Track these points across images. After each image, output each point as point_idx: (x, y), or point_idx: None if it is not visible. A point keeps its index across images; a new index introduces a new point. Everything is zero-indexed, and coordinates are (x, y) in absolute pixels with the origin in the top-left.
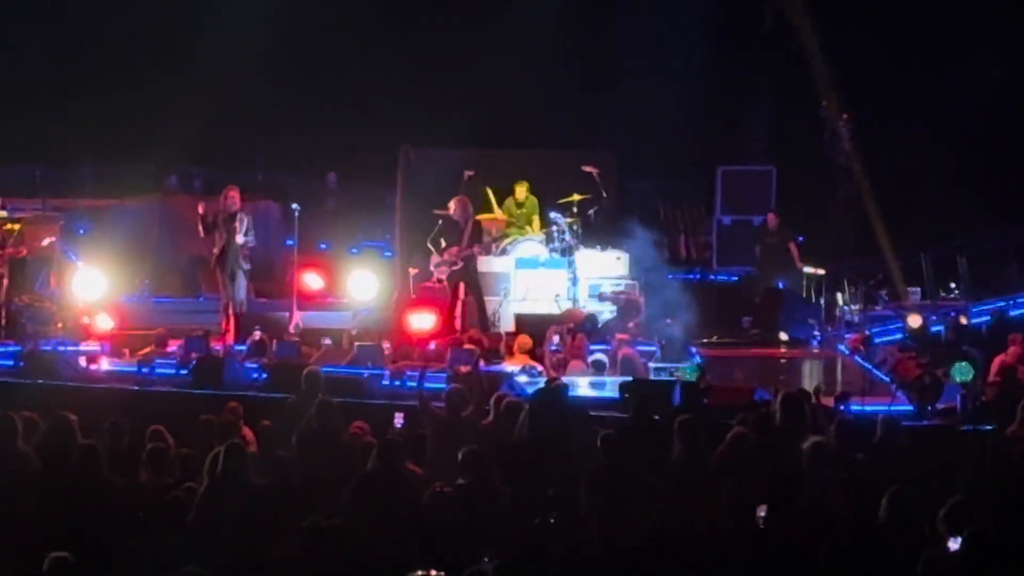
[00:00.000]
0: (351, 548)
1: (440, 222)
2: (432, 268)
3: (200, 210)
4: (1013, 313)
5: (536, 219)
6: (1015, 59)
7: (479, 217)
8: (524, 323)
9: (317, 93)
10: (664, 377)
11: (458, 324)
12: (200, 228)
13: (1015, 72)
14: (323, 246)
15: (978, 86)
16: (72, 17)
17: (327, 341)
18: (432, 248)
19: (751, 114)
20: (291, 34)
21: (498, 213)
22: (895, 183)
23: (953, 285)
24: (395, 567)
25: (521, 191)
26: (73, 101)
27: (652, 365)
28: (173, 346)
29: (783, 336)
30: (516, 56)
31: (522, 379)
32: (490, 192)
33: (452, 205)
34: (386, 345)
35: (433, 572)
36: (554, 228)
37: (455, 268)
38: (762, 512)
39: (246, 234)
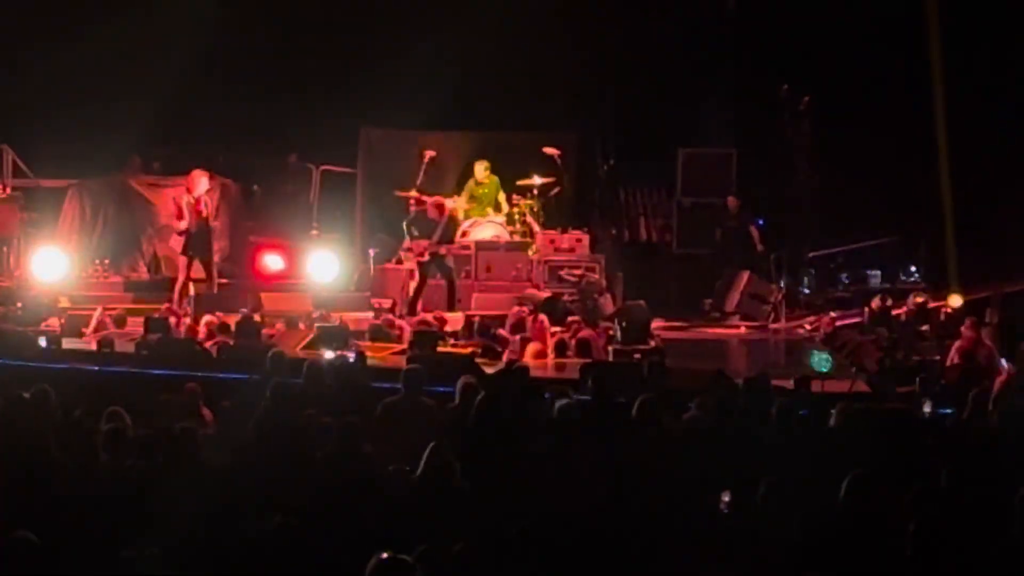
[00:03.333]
0: (311, 532)
1: (413, 212)
2: (401, 252)
3: (177, 201)
4: None
5: (500, 198)
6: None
7: (443, 200)
8: (485, 305)
9: (277, 74)
10: (623, 360)
11: (420, 306)
12: (178, 219)
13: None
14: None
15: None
16: None
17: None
18: (406, 232)
19: (712, 96)
20: (251, 13)
21: (460, 201)
22: (856, 166)
23: (913, 269)
24: (357, 550)
25: (481, 170)
26: (30, 77)
27: (612, 347)
28: (133, 326)
29: (742, 319)
30: (476, 37)
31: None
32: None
33: (431, 207)
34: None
35: (396, 555)
36: (515, 210)
37: (422, 260)
38: (726, 498)
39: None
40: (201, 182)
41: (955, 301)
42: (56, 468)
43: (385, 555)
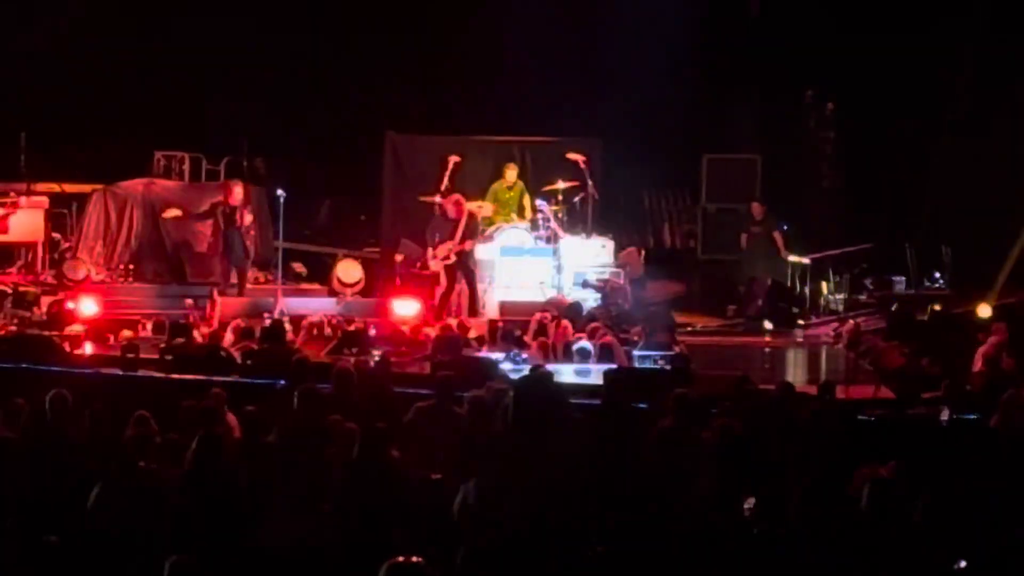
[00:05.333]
0: (336, 536)
1: (436, 214)
2: (429, 261)
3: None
4: None
5: (525, 202)
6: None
7: (461, 197)
8: (508, 310)
9: (302, 78)
10: (649, 365)
11: (454, 312)
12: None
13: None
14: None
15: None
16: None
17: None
18: (429, 241)
19: (737, 102)
20: (276, 18)
21: (485, 205)
22: (879, 172)
23: (938, 275)
24: (378, 554)
25: (511, 174)
26: (60, 84)
27: (636, 353)
28: (157, 331)
29: (767, 325)
30: (501, 42)
31: (506, 366)
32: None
33: (448, 205)
34: (371, 331)
35: (414, 558)
36: (539, 215)
37: (448, 263)
38: (749, 504)
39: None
40: (236, 192)
41: (984, 311)
42: (82, 473)
43: (400, 558)
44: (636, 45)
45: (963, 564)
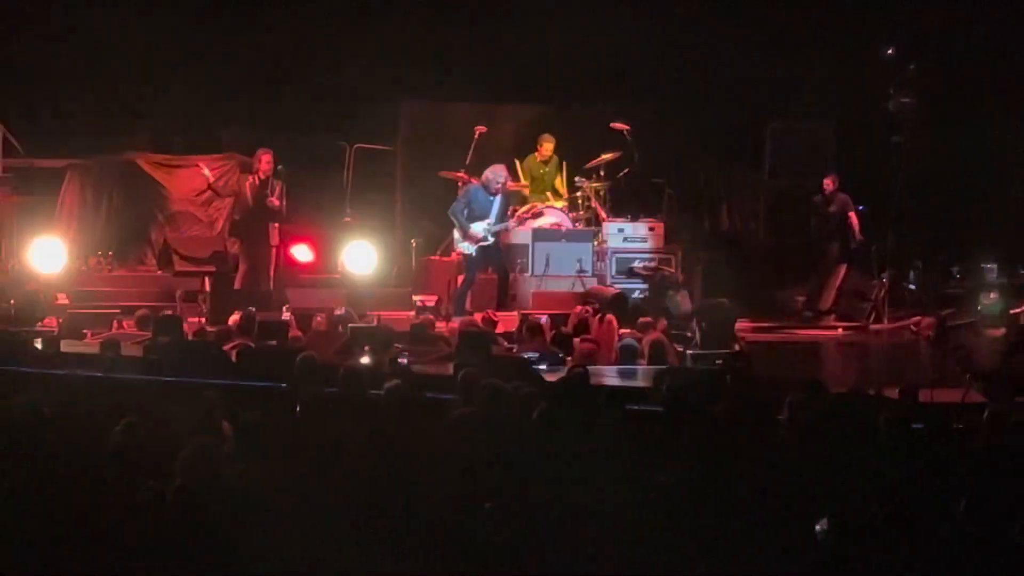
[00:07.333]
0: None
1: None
2: (459, 244)
3: (206, 175)
4: None
5: (560, 181)
6: None
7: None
8: (543, 303)
9: (311, 43)
10: (704, 365)
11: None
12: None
13: None
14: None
15: None
16: None
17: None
18: (454, 220)
19: (806, 61)
20: None
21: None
22: (971, 144)
23: None
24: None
25: (548, 146)
26: (24, 43)
27: (691, 352)
28: (142, 326)
29: (840, 319)
30: None
31: (542, 367)
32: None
33: (496, 175)
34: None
35: None
36: (578, 194)
37: (485, 244)
38: (822, 526)
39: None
40: (266, 161)
41: None
42: (60, 488)
43: None
44: None
45: None
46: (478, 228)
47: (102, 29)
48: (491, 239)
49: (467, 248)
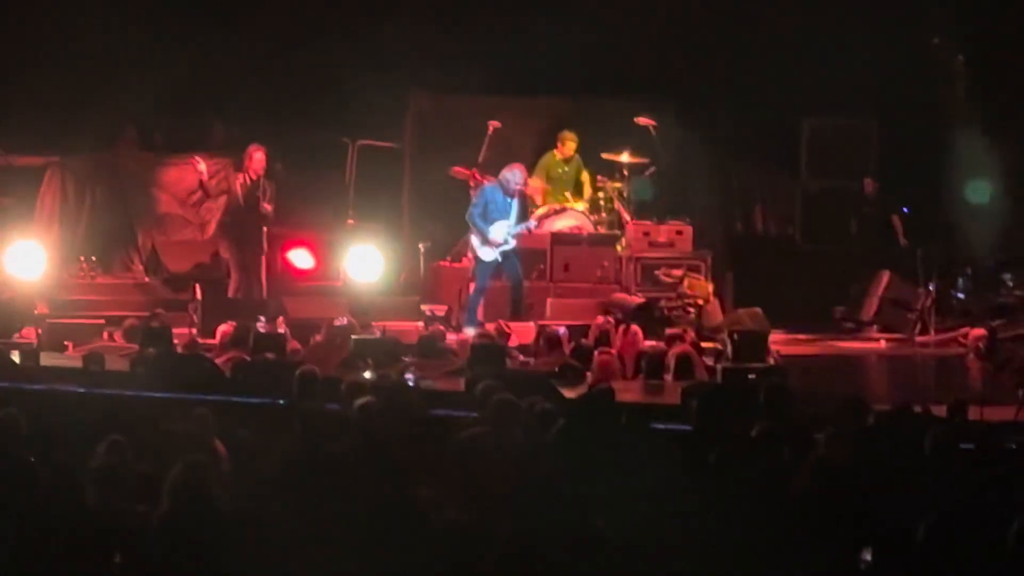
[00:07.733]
0: None
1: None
2: (478, 248)
3: (201, 171)
4: None
5: (583, 178)
6: None
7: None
8: (562, 312)
9: (308, 28)
10: (736, 381)
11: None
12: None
13: None
14: None
15: None
16: None
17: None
18: (473, 226)
19: (845, 52)
20: None
21: (535, 182)
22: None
23: None
24: None
25: (571, 144)
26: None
27: (721, 366)
28: (128, 338)
29: (882, 331)
30: None
31: (560, 382)
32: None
33: (514, 175)
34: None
35: None
36: (600, 195)
37: (505, 248)
38: (867, 556)
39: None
40: (258, 159)
41: None
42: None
43: None
44: None
45: None
46: (499, 231)
47: (84, 14)
48: (512, 243)
49: (487, 255)
